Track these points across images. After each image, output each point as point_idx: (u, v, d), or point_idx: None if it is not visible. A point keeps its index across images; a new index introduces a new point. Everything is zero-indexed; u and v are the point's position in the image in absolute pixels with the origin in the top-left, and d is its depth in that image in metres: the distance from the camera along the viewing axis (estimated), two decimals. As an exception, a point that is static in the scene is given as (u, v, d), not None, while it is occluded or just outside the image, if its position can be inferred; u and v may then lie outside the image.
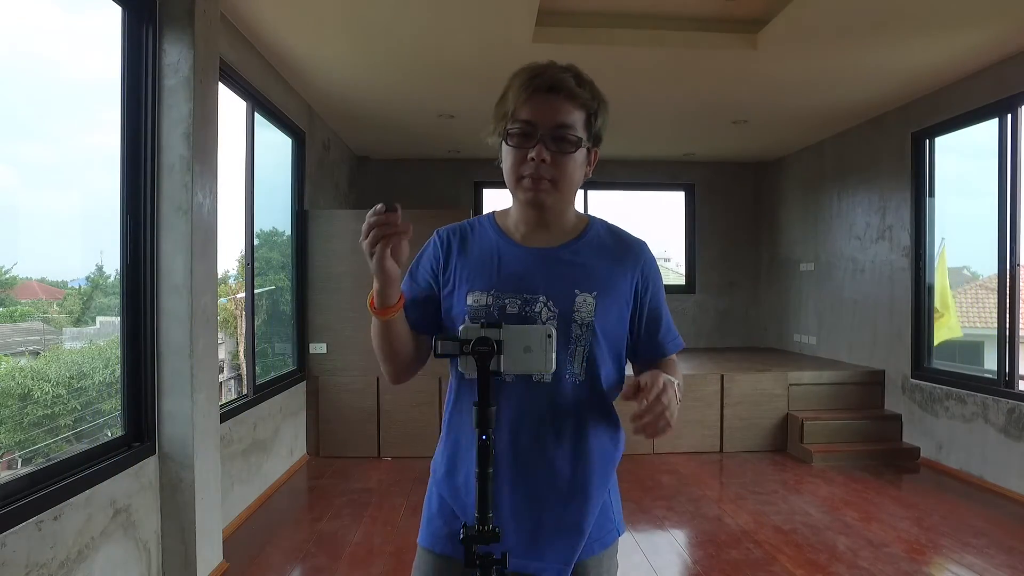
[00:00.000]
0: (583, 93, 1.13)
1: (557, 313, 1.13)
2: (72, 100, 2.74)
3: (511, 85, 1.14)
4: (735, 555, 3.20)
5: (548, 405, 1.13)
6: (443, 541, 1.19)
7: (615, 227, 1.28)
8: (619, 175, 7.33)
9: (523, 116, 1.11)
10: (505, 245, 1.20)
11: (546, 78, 1.11)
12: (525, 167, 1.12)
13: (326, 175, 5.67)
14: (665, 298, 1.28)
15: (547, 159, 1.10)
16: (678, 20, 3.80)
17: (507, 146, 1.14)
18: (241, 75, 3.68)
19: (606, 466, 1.19)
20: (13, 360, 2.57)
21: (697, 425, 5.20)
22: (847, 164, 5.87)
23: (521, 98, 1.11)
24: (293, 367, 4.93)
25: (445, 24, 3.58)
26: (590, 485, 1.15)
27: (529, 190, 1.13)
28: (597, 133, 1.18)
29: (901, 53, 3.98)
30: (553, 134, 1.11)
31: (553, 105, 1.11)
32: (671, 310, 1.29)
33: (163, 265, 2.70)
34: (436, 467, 1.24)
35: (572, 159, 1.13)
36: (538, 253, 1.19)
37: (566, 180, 1.14)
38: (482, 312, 1.13)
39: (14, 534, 1.88)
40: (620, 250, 1.23)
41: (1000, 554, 3.20)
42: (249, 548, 3.31)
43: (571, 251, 1.20)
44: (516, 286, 1.15)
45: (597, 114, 1.16)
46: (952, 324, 4.84)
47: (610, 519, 1.22)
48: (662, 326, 1.25)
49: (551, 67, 1.13)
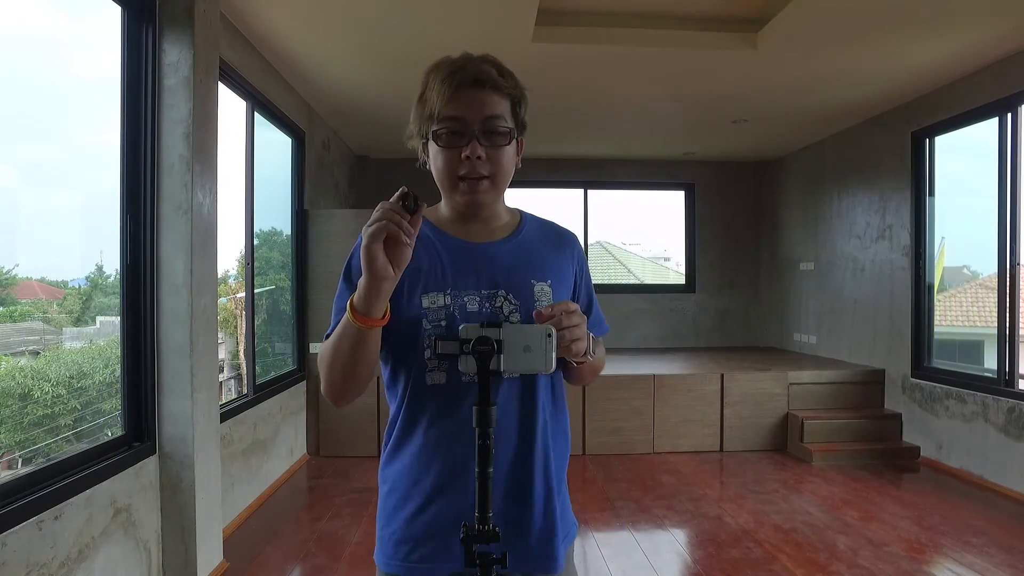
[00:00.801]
0: (507, 83, 1.09)
1: (519, 305, 1.11)
2: (72, 100, 2.74)
3: (430, 83, 1.09)
4: (735, 554, 3.20)
5: (520, 401, 1.11)
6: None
7: (544, 219, 1.28)
8: (619, 175, 7.34)
9: (450, 113, 1.06)
10: (447, 241, 1.15)
11: (469, 71, 1.06)
12: (461, 167, 1.08)
13: (326, 175, 5.67)
14: (592, 284, 1.30)
15: (482, 155, 1.07)
16: (678, 19, 3.80)
17: (437, 147, 1.09)
18: (241, 75, 3.68)
19: (563, 458, 1.19)
20: (13, 360, 2.56)
21: (697, 424, 5.20)
22: (847, 163, 5.87)
23: (445, 95, 1.06)
24: (293, 366, 4.93)
25: (445, 23, 3.57)
26: (558, 479, 1.15)
27: (467, 193, 1.10)
28: (523, 121, 1.14)
29: (901, 52, 3.98)
30: (484, 127, 1.07)
31: (480, 98, 1.07)
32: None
33: (163, 265, 2.70)
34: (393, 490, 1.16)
35: (506, 152, 1.10)
36: (486, 247, 1.16)
37: (502, 174, 1.11)
38: (442, 313, 1.09)
39: (14, 534, 1.88)
40: (556, 239, 1.23)
41: (1000, 553, 3.20)
42: (249, 548, 3.31)
43: (516, 243, 1.18)
44: (472, 283, 1.11)
45: (520, 102, 1.13)
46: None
47: (570, 511, 1.23)
48: (593, 311, 1.25)
49: (470, 60, 1.09)
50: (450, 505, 1.08)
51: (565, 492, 1.21)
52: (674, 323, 7.27)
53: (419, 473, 1.11)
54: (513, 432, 1.11)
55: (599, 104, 5.12)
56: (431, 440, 1.10)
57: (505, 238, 1.18)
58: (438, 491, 1.09)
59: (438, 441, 1.10)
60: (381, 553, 1.14)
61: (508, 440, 1.11)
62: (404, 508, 1.12)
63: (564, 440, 1.20)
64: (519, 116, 1.13)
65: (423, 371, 1.10)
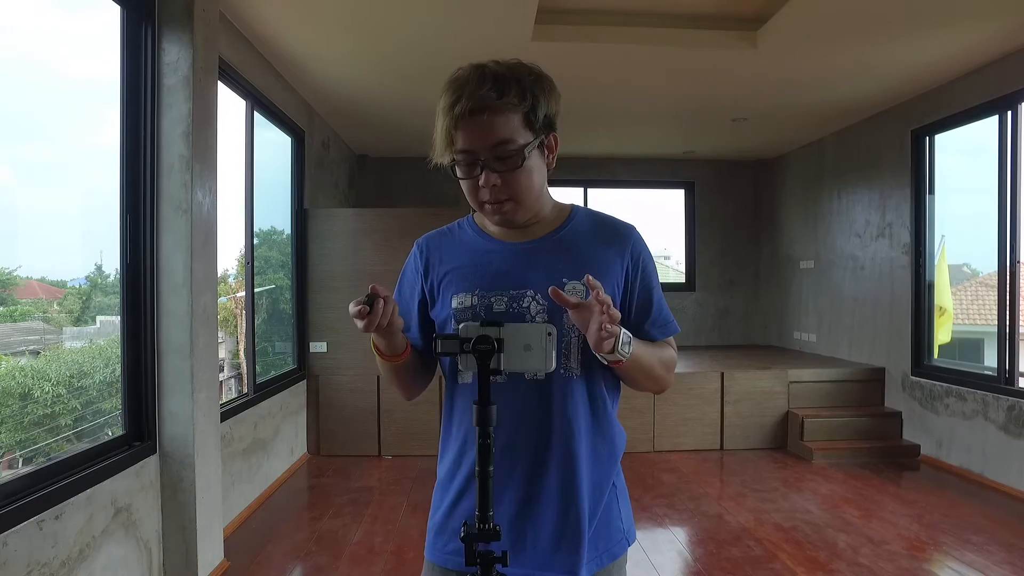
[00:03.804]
0: (509, 99, 1.04)
1: (546, 306, 1.09)
2: (71, 100, 2.74)
3: (439, 110, 1.08)
4: (736, 553, 3.20)
5: (543, 404, 1.10)
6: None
7: (601, 213, 1.23)
8: (619, 173, 7.33)
9: (459, 146, 1.07)
10: (486, 244, 1.18)
11: (466, 103, 1.03)
12: (481, 193, 1.10)
13: (326, 174, 5.67)
14: (659, 283, 1.20)
15: (497, 182, 1.07)
16: (678, 18, 3.80)
17: (458, 176, 1.11)
18: (241, 74, 3.68)
19: (603, 466, 1.14)
20: (13, 359, 2.57)
21: (697, 423, 5.21)
22: (847, 161, 5.87)
23: (450, 130, 1.06)
24: (293, 366, 4.93)
25: (444, 22, 3.57)
26: (586, 487, 1.11)
27: (494, 214, 1.12)
28: (545, 119, 1.10)
29: (901, 50, 3.98)
30: (493, 155, 1.06)
31: (482, 127, 1.04)
32: (671, 308, 1.24)
33: (163, 264, 2.70)
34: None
35: (523, 171, 1.08)
36: (521, 247, 1.16)
37: (525, 193, 1.10)
38: (468, 313, 1.11)
39: (15, 533, 1.88)
40: (607, 234, 1.18)
41: (1000, 551, 3.20)
42: (250, 547, 3.31)
43: (555, 241, 1.16)
44: (501, 283, 1.12)
45: (536, 105, 1.08)
46: (950, 325, 4.85)
47: (617, 527, 1.17)
48: (653, 310, 1.17)
49: (467, 84, 1.04)
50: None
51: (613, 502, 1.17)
52: (674, 322, 7.26)
53: (455, 469, 1.16)
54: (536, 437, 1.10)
55: (599, 103, 5.12)
56: (463, 437, 1.15)
57: (546, 235, 1.17)
58: (468, 488, 1.13)
59: (467, 438, 1.14)
60: (427, 541, 1.20)
61: (530, 444, 1.10)
62: (444, 501, 1.18)
63: (609, 449, 1.16)
64: (535, 121, 1.09)
65: (455, 370, 1.16)
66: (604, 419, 1.15)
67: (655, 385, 1.18)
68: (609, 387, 1.17)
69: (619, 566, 1.17)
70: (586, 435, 1.12)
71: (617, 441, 1.18)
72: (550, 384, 1.10)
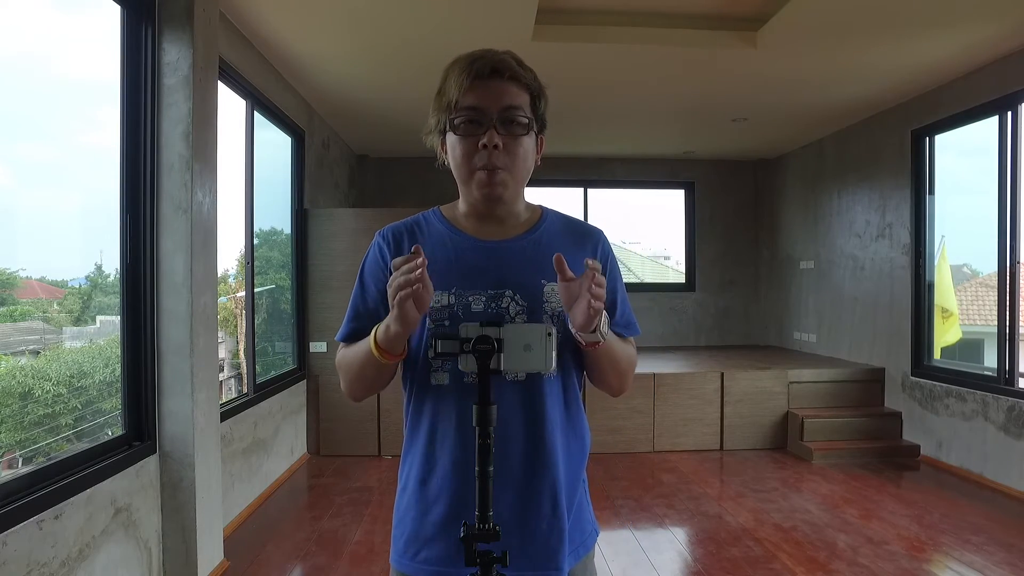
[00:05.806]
0: (526, 74, 1.09)
1: (526, 307, 1.09)
2: (72, 100, 2.73)
3: (449, 75, 1.08)
4: (735, 553, 3.20)
5: (524, 402, 1.09)
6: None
7: (569, 216, 1.24)
8: (619, 173, 7.33)
9: (468, 103, 1.06)
10: (459, 240, 1.14)
11: (487, 61, 1.06)
12: (478, 157, 1.07)
13: (326, 174, 5.67)
14: (624, 285, 1.22)
15: (499, 144, 1.06)
16: (677, 18, 3.80)
17: (455, 136, 1.08)
18: (241, 74, 3.68)
19: (576, 462, 1.16)
20: (14, 359, 2.57)
21: (697, 423, 5.21)
22: (847, 162, 5.87)
23: (464, 85, 1.05)
24: (293, 366, 4.93)
25: (444, 22, 3.57)
26: (563, 482, 1.12)
27: (485, 185, 1.08)
28: (542, 117, 1.13)
29: (901, 51, 3.98)
30: (502, 117, 1.06)
31: (498, 88, 1.06)
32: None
33: (163, 264, 2.70)
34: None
35: (524, 143, 1.09)
36: (497, 246, 1.14)
37: (519, 166, 1.09)
38: (445, 312, 1.09)
39: (15, 533, 1.88)
40: (578, 237, 1.19)
41: (1000, 551, 3.20)
42: (250, 547, 3.31)
43: (530, 241, 1.15)
44: (478, 282, 1.10)
45: (540, 97, 1.12)
46: (957, 327, 4.85)
47: (588, 520, 1.20)
48: (618, 310, 1.18)
49: (489, 51, 1.08)
50: (453, 507, 1.08)
51: (583, 497, 1.19)
52: (674, 322, 7.27)
53: (425, 473, 1.12)
54: (520, 437, 1.10)
55: (599, 103, 5.12)
56: (435, 441, 1.11)
57: (519, 235, 1.16)
58: (442, 493, 1.10)
59: (442, 442, 1.10)
60: (393, 550, 1.15)
61: (516, 445, 1.09)
62: (413, 508, 1.13)
63: (580, 445, 1.18)
64: (539, 111, 1.12)
65: (427, 371, 1.11)
66: (576, 416, 1.17)
67: (618, 380, 1.18)
68: (579, 384, 1.19)
69: (591, 557, 1.21)
70: (561, 432, 1.13)
71: (586, 438, 1.20)
72: (530, 383, 1.10)
